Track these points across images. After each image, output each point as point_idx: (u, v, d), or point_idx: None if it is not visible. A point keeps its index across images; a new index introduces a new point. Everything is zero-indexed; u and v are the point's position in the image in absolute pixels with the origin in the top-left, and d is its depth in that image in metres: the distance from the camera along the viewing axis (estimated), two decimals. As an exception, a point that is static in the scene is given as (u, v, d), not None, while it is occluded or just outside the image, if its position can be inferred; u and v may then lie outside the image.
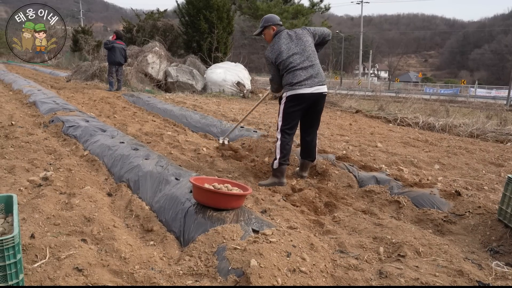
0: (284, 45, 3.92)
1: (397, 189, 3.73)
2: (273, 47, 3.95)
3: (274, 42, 3.96)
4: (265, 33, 4.09)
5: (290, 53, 3.90)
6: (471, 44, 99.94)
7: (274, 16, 4.11)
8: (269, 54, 3.99)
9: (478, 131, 7.94)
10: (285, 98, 3.95)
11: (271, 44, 3.99)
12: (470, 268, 2.32)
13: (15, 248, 1.81)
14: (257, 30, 4.15)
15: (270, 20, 4.05)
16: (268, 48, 4.03)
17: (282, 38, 3.95)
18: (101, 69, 14.47)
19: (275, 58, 3.93)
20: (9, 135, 5.22)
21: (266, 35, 4.09)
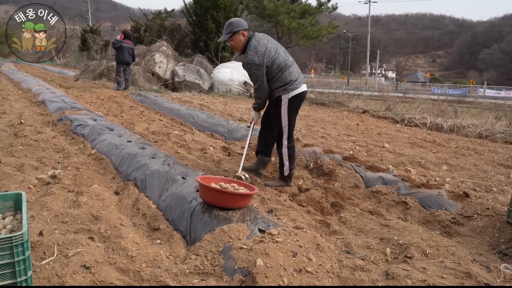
0: (268, 43, 3.68)
1: (404, 190, 3.71)
2: (257, 49, 3.60)
3: (254, 45, 3.61)
4: (233, 39, 3.67)
5: (277, 50, 3.71)
6: (480, 44, 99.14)
7: (242, 21, 3.75)
8: (254, 58, 3.58)
9: (487, 132, 7.86)
10: (287, 101, 3.72)
11: (252, 48, 3.60)
12: (478, 270, 2.30)
13: (24, 245, 1.82)
14: (224, 36, 3.71)
15: (240, 24, 3.66)
16: (249, 53, 3.60)
17: (261, 39, 3.68)
18: (109, 68, 14.55)
19: (263, 58, 3.59)
20: (18, 134, 5.27)
21: (235, 41, 3.68)
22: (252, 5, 20.85)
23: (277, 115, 3.79)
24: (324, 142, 6.08)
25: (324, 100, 12.74)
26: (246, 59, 3.62)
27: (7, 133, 5.34)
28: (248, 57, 3.60)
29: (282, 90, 3.70)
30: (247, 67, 3.65)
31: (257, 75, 3.63)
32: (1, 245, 1.76)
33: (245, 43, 3.66)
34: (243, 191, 2.99)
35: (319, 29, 21.15)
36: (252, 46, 3.61)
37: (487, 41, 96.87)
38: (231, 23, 3.67)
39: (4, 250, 1.77)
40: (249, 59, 3.59)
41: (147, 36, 18.91)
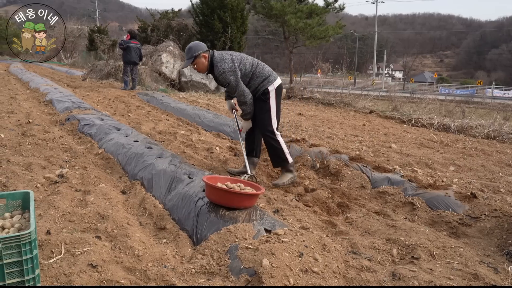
0: (230, 52, 3.84)
1: (411, 190, 3.69)
2: (223, 58, 3.70)
3: (219, 57, 3.71)
4: (196, 63, 3.71)
5: (240, 54, 3.87)
6: (488, 44, 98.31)
7: (201, 43, 3.79)
8: (224, 65, 3.67)
9: (494, 133, 7.80)
10: (274, 90, 3.84)
11: (218, 60, 3.69)
12: (485, 272, 2.28)
13: (32, 244, 1.84)
14: (186, 62, 3.77)
15: (199, 48, 3.69)
16: (217, 65, 3.67)
17: (223, 51, 3.80)
18: (116, 68, 14.62)
19: (233, 63, 3.71)
20: (26, 133, 5.32)
21: (198, 65, 3.73)
22: (259, 5, 20.82)
23: (265, 105, 3.83)
24: (330, 142, 6.07)
25: (331, 100, 12.71)
26: (217, 72, 3.68)
27: (15, 132, 5.38)
28: (219, 68, 3.66)
29: (266, 83, 3.81)
30: (222, 78, 3.68)
31: (234, 80, 3.68)
32: (9, 244, 1.78)
33: (209, 62, 3.72)
34: (250, 191, 3.00)
35: (326, 29, 21.08)
36: (217, 59, 3.69)
37: (496, 41, 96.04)
38: (190, 48, 3.70)
39: (12, 249, 1.79)
40: (220, 69, 3.66)
41: (154, 36, 18.97)
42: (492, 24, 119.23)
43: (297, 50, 24.84)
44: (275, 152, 3.88)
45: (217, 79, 3.75)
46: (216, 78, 3.79)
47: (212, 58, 3.71)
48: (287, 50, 21.78)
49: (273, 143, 3.85)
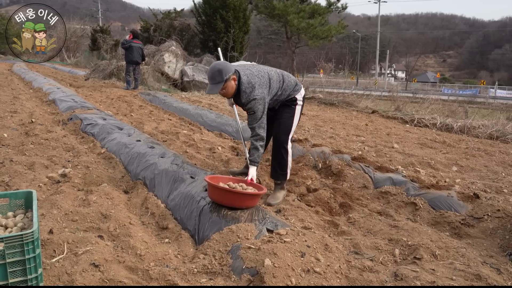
0: (253, 68, 3.42)
1: (414, 190, 3.69)
2: (252, 82, 3.27)
3: (247, 82, 3.27)
4: (226, 87, 3.21)
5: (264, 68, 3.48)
6: (491, 44, 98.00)
7: (228, 63, 3.28)
8: (256, 92, 3.26)
9: (497, 133, 7.78)
10: (302, 98, 3.64)
11: (247, 84, 3.26)
12: (488, 273, 2.28)
13: (34, 243, 1.85)
14: (215, 86, 3.20)
15: (229, 69, 3.20)
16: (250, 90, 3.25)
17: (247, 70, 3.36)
18: (118, 68, 14.64)
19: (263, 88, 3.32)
20: (29, 132, 5.33)
21: (228, 89, 3.24)
22: (261, 5, 20.85)
23: (290, 110, 3.57)
24: (332, 142, 6.06)
25: (333, 100, 12.70)
26: (245, 98, 3.27)
27: (18, 132, 5.40)
28: (248, 94, 3.26)
29: (294, 92, 3.57)
30: (250, 105, 3.27)
31: (261, 110, 3.30)
32: (12, 243, 1.79)
33: (237, 83, 3.29)
34: (252, 191, 3.00)
35: (329, 29, 21.09)
36: (245, 82, 3.27)
37: (499, 41, 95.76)
38: (220, 70, 3.16)
39: (15, 248, 1.80)
40: (250, 96, 3.25)
41: (156, 36, 19.00)
42: (495, 24, 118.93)
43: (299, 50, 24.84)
44: (280, 162, 3.59)
45: (243, 105, 3.35)
46: (241, 104, 3.38)
47: (239, 81, 3.29)
48: (289, 50, 21.78)
49: (283, 152, 3.56)
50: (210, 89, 3.23)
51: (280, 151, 3.57)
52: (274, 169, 3.65)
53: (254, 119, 3.32)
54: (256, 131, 3.34)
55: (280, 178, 3.60)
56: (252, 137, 3.38)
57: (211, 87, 3.22)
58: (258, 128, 3.33)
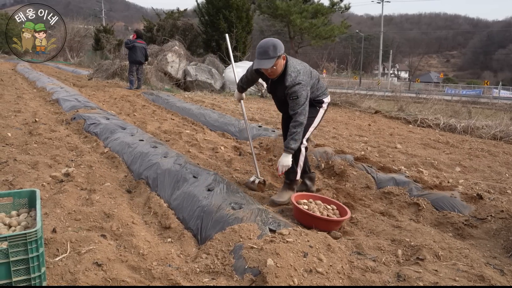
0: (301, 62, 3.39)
1: (417, 191, 3.68)
2: (299, 68, 3.24)
3: (294, 65, 3.25)
4: (276, 64, 3.15)
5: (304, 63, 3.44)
6: (495, 44, 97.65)
7: (277, 41, 3.19)
8: (302, 78, 3.20)
9: (501, 133, 7.74)
10: (326, 104, 3.56)
11: (293, 68, 3.22)
12: (491, 274, 2.27)
13: (38, 242, 1.85)
14: (268, 61, 3.11)
15: (282, 46, 3.15)
16: (293, 75, 3.19)
17: (294, 60, 3.34)
18: (122, 67, 14.66)
19: (308, 75, 3.30)
20: (33, 132, 5.35)
21: (277, 67, 3.19)
22: (264, 4, 20.82)
23: (314, 111, 3.47)
24: (335, 142, 6.05)
25: (336, 100, 12.68)
26: (290, 81, 3.18)
27: (22, 131, 5.42)
28: (293, 78, 3.18)
29: (322, 95, 3.51)
30: (295, 89, 3.17)
31: (305, 95, 3.20)
32: (15, 242, 1.79)
33: (285, 64, 3.23)
34: (333, 214, 3.12)
35: (332, 29, 21.04)
36: (292, 66, 3.22)
37: (503, 41, 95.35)
38: (276, 46, 3.09)
39: (19, 247, 1.80)
40: (295, 80, 3.17)
41: (159, 35, 19.01)
42: (499, 24, 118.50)
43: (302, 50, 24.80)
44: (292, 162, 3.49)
45: (286, 88, 3.22)
46: (282, 89, 3.27)
47: (286, 63, 3.23)
48: (292, 50, 21.76)
49: (297, 152, 3.45)
50: (261, 64, 3.13)
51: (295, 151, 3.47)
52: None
53: (297, 104, 3.20)
54: (297, 118, 3.21)
55: (289, 177, 3.54)
56: (292, 122, 3.24)
57: (263, 62, 3.12)
58: (299, 115, 3.20)
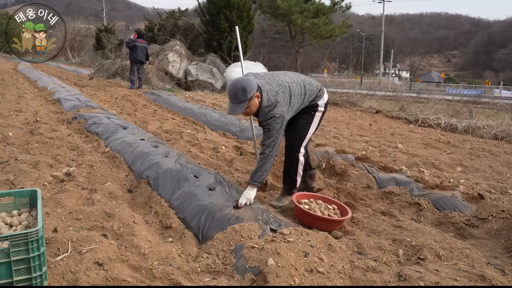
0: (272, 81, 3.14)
1: (418, 191, 3.68)
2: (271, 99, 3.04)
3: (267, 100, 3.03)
4: (249, 106, 2.97)
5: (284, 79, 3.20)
6: (496, 44, 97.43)
7: (250, 79, 3.01)
8: (277, 109, 3.03)
9: (502, 133, 7.73)
10: (324, 104, 3.40)
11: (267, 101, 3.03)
12: (492, 273, 2.27)
13: (39, 241, 1.86)
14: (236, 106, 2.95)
15: (253, 86, 2.94)
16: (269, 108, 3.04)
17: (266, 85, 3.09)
18: (123, 67, 14.68)
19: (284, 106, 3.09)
20: (34, 131, 5.36)
21: (251, 107, 3.00)
22: (265, 4, 20.84)
23: (309, 117, 3.34)
24: (336, 142, 6.05)
25: (337, 100, 12.68)
26: (263, 117, 3.07)
27: (23, 130, 5.43)
28: (267, 113, 3.04)
29: (316, 98, 3.33)
30: (267, 123, 3.05)
31: (278, 128, 3.05)
32: (16, 241, 1.80)
33: (260, 100, 3.05)
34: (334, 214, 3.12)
35: (333, 28, 21.06)
36: (266, 100, 3.04)
37: (504, 41, 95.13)
38: (245, 89, 2.90)
39: (20, 246, 1.81)
40: (269, 114, 3.03)
41: (160, 35, 19.02)
42: (500, 24, 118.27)
43: (303, 49, 24.80)
44: (288, 169, 3.44)
45: (260, 122, 3.13)
46: (260, 122, 3.14)
47: (261, 98, 3.04)
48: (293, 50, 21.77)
49: (293, 160, 3.38)
50: (233, 109, 2.98)
51: (290, 158, 3.40)
52: (283, 175, 3.54)
53: (267, 137, 3.08)
54: (265, 150, 3.09)
55: (287, 184, 3.47)
56: (261, 154, 3.14)
57: (234, 107, 2.96)
58: (267, 147, 3.07)
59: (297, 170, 3.40)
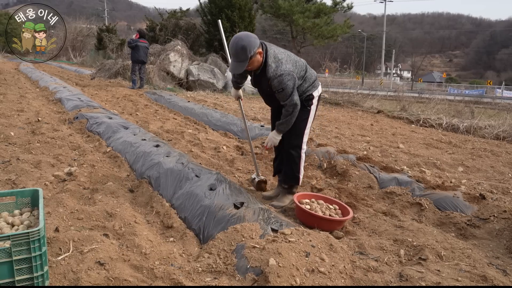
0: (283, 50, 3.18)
1: (419, 191, 3.67)
2: (279, 57, 3.04)
3: (274, 54, 3.05)
4: (251, 63, 2.98)
5: (290, 52, 3.25)
6: (498, 44, 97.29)
7: (252, 36, 2.97)
8: (284, 66, 3.01)
9: (504, 133, 7.72)
10: (317, 97, 3.33)
11: (274, 58, 3.02)
12: (494, 274, 2.26)
13: (41, 241, 1.86)
14: (238, 64, 2.96)
15: (255, 44, 2.93)
16: (274, 65, 3.00)
17: (276, 49, 3.13)
18: (124, 67, 14.70)
19: (292, 64, 3.10)
20: (35, 131, 5.37)
21: (253, 64, 3.01)
22: (266, 4, 20.84)
23: (305, 113, 3.28)
24: (338, 142, 6.05)
25: (338, 100, 12.67)
26: (271, 73, 3.00)
27: (25, 130, 5.44)
28: (274, 70, 3.00)
29: (312, 88, 3.27)
30: (277, 81, 3.00)
31: (291, 86, 3.02)
32: (18, 241, 1.80)
33: (264, 57, 3.04)
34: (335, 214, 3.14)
35: (334, 28, 21.05)
36: (272, 56, 3.03)
37: (506, 41, 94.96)
38: (245, 48, 2.87)
39: (21, 246, 1.81)
40: (276, 71, 2.99)
41: (162, 35, 19.04)
42: (502, 24, 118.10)
43: (304, 49, 24.78)
44: (291, 167, 3.39)
45: (269, 80, 3.04)
46: (266, 81, 3.08)
47: (266, 54, 3.04)
48: (295, 50, 21.74)
49: (295, 156, 3.34)
50: (234, 68, 3.00)
51: (291, 155, 3.35)
52: (284, 174, 3.47)
53: (285, 95, 3.04)
54: (288, 108, 3.08)
55: (288, 183, 3.45)
56: (285, 111, 3.12)
57: (235, 65, 2.98)
58: (289, 106, 3.07)
59: (299, 168, 3.39)
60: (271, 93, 3.15)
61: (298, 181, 3.44)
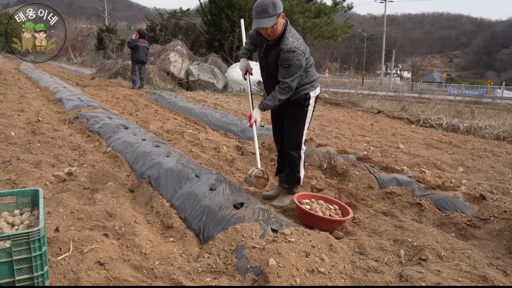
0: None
1: (419, 191, 3.67)
2: (298, 35, 3.04)
3: (294, 31, 3.04)
4: (277, 23, 2.92)
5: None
6: (498, 44, 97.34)
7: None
8: (299, 45, 2.97)
9: (504, 134, 7.72)
10: (314, 98, 3.29)
11: (292, 34, 3.00)
12: (494, 274, 2.26)
13: (41, 241, 1.86)
14: (268, 20, 2.86)
15: (281, 4, 2.93)
16: (290, 39, 2.97)
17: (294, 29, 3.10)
18: (124, 67, 14.71)
19: (305, 47, 3.05)
20: (36, 131, 5.37)
21: (278, 26, 2.95)
22: (266, 4, 20.80)
23: (302, 114, 3.26)
24: (338, 142, 6.05)
25: (338, 100, 12.66)
26: (286, 46, 2.94)
27: (25, 130, 5.44)
28: (290, 43, 2.94)
29: (310, 87, 3.21)
30: (288, 56, 2.93)
31: (298, 66, 2.96)
32: (18, 241, 1.80)
33: (284, 26, 3.00)
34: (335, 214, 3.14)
35: (334, 28, 21.06)
36: (292, 31, 3.01)
37: (506, 41, 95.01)
38: (275, 3, 2.85)
39: (22, 245, 1.81)
40: (291, 45, 2.93)
41: (162, 35, 19.06)
42: (502, 24, 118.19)
43: (305, 49, 24.73)
44: (292, 168, 3.40)
45: (281, 51, 2.97)
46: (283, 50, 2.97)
47: (285, 28, 2.99)
48: (295, 50, 21.71)
49: (296, 159, 3.35)
50: (261, 23, 2.87)
51: (292, 156, 3.36)
52: (285, 174, 3.48)
53: (288, 72, 2.98)
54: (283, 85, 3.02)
55: (289, 183, 3.45)
56: (279, 86, 3.06)
57: (262, 21, 2.86)
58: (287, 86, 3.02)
59: (299, 168, 3.41)
60: (274, 68, 3.10)
61: (299, 181, 3.46)
